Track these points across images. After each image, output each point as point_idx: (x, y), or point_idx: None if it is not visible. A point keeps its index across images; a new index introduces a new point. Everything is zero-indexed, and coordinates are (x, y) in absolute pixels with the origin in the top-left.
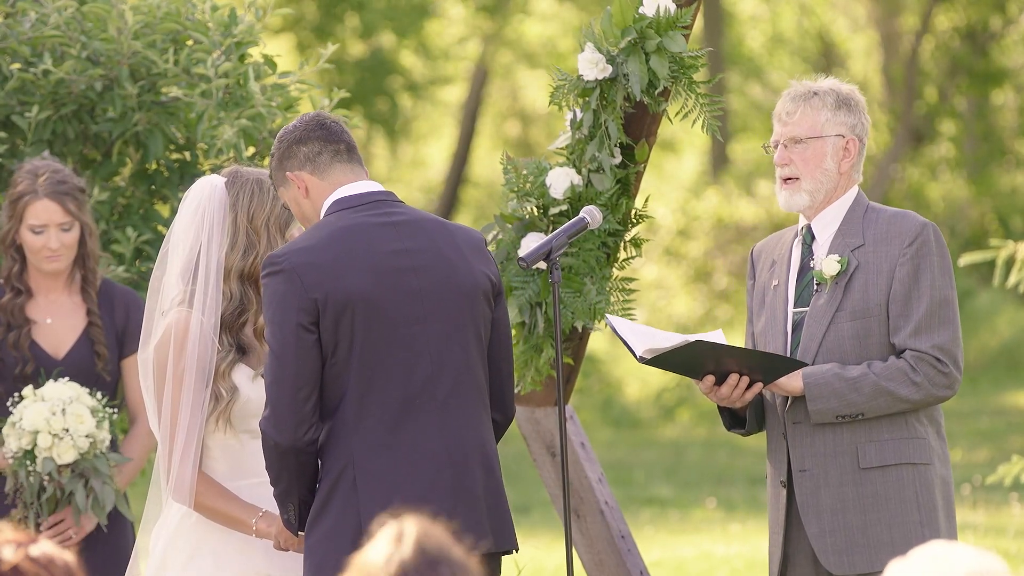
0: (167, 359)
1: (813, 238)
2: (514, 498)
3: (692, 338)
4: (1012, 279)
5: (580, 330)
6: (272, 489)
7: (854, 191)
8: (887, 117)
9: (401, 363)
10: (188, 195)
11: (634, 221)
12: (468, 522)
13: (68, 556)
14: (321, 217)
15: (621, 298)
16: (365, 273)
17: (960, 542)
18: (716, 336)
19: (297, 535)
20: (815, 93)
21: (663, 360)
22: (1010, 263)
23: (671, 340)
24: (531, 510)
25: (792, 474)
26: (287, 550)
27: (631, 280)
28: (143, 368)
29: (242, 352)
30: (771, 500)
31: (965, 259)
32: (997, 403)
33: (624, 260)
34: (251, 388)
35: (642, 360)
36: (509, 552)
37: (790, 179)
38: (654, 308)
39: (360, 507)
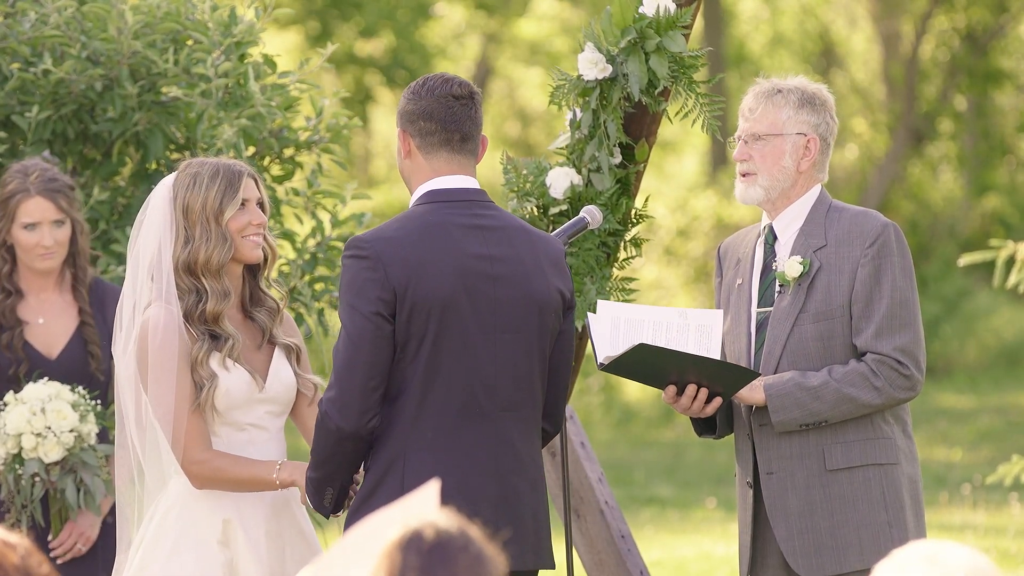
0: (146, 355)
1: (775, 238)
2: None
3: (638, 341)
4: (1012, 279)
5: (580, 330)
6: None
7: (816, 190)
8: (887, 117)
9: (466, 369)
10: (150, 196)
11: (634, 221)
12: (508, 534)
13: (45, 569)
14: (412, 201)
15: (621, 298)
16: (448, 275)
17: (938, 541)
18: (715, 315)
19: (328, 518)
20: (779, 91)
21: (622, 367)
22: (1010, 263)
23: (637, 338)
24: None
25: (759, 476)
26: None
27: (631, 280)
28: (125, 369)
29: (215, 339)
30: (739, 500)
31: (965, 259)
32: (997, 403)
33: (624, 260)
34: (228, 377)
35: (601, 367)
36: (545, 568)
37: (747, 174)
38: None
39: None
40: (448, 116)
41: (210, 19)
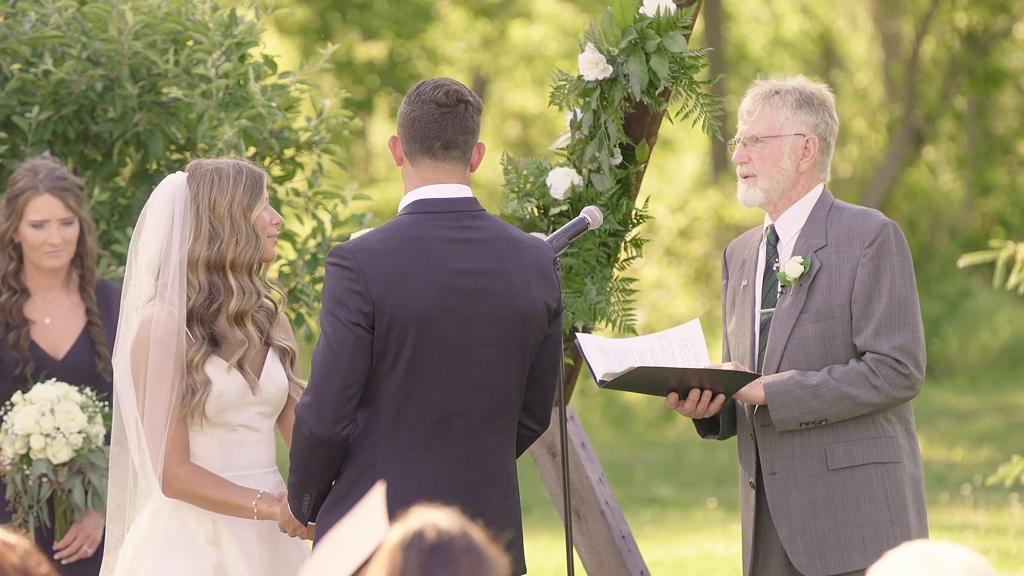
0: (143, 355)
1: (777, 239)
2: None
3: (637, 364)
4: (1012, 280)
5: (581, 330)
6: (258, 481)
7: (818, 190)
8: (887, 118)
9: (444, 384)
10: (154, 195)
11: (634, 221)
12: None
13: (44, 568)
14: (400, 208)
15: (621, 298)
16: (428, 291)
17: (934, 541)
18: (693, 327)
19: (306, 525)
20: (776, 92)
21: (623, 383)
22: (1010, 264)
23: (628, 362)
24: (531, 510)
25: (762, 476)
26: (293, 536)
27: (631, 280)
28: (121, 367)
29: (215, 344)
30: (742, 500)
31: (965, 260)
32: (998, 403)
33: (624, 260)
34: (225, 381)
35: (601, 384)
36: (518, 574)
37: (747, 176)
38: (654, 308)
39: None
40: (429, 123)
41: (210, 19)
